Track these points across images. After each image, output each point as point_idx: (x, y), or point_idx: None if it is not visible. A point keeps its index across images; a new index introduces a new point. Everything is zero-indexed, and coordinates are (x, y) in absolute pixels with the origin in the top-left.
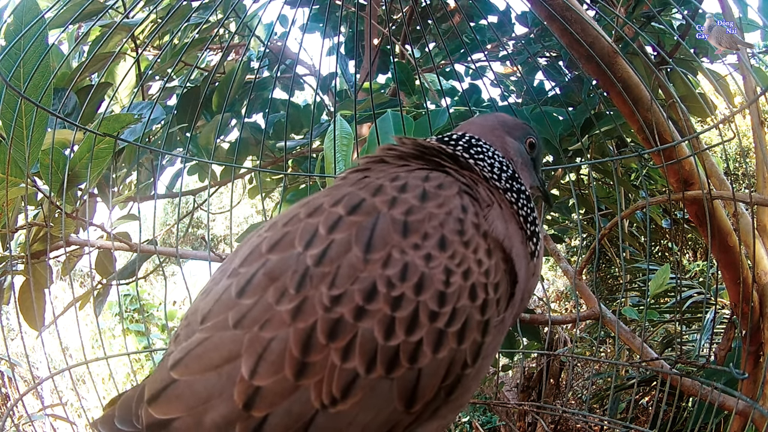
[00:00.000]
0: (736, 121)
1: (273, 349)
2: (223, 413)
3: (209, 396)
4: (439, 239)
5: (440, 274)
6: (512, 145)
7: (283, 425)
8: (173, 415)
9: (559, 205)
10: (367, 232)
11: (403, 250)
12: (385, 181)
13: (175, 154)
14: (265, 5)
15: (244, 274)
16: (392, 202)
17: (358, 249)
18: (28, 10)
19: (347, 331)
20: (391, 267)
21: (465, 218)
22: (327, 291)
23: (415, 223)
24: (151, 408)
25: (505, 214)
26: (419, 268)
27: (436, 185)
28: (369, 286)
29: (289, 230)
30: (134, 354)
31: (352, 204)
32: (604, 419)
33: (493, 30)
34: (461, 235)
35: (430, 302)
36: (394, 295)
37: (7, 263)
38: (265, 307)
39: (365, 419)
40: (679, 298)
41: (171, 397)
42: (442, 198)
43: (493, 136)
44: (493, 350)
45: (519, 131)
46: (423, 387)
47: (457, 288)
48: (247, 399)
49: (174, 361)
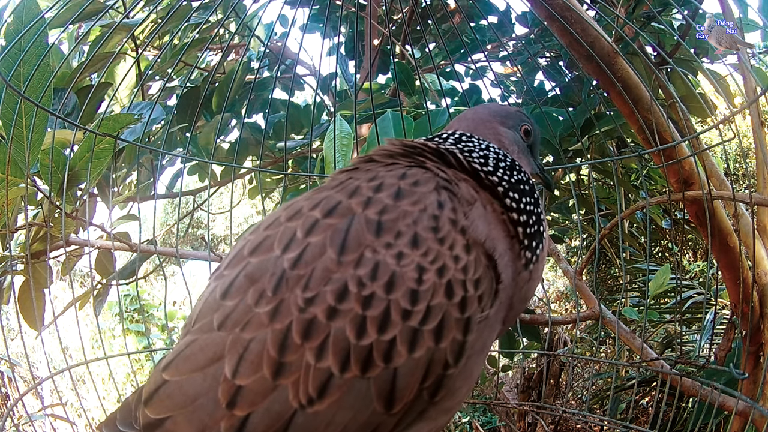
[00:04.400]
0: (736, 121)
1: (252, 349)
2: (209, 412)
3: (196, 396)
4: (411, 237)
5: (412, 272)
6: (507, 135)
7: (264, 424)
8: (165, 415)
9: (559, 206)
10: (341, 234)
11: (375, 249)
12: (363, 182)
13: (175, 154)
14: (265, 5)
15: (228, 276)
16: (367, 203)
17: (332, 251)
18: (28, 10)
19: (320, 331)
20: (362, 267)
21: (440, 214)
22: (301, 293)
23: (388, 222)
24: (147, 408)
25: (489, 216)
26: (390, 267)
27: (411, 182)
28: (341, 287)
29: (269, 234)
30: (134, 354)
31: (329, 207)
32: (604, 419)
33: (493, 30)
34: (435, 232)
35: (402, 300)
36: (365, 295)
37: (7, 263)
38: (245, 308)
39: (344, 420)
40: (679, 298)
41: (163, 397)
42: (417, 195)
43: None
44: (481, 349)
45: (513, 119)
46: (401, 387)
47: (430, 285)
48: (230, 398)
49: (166, 363)
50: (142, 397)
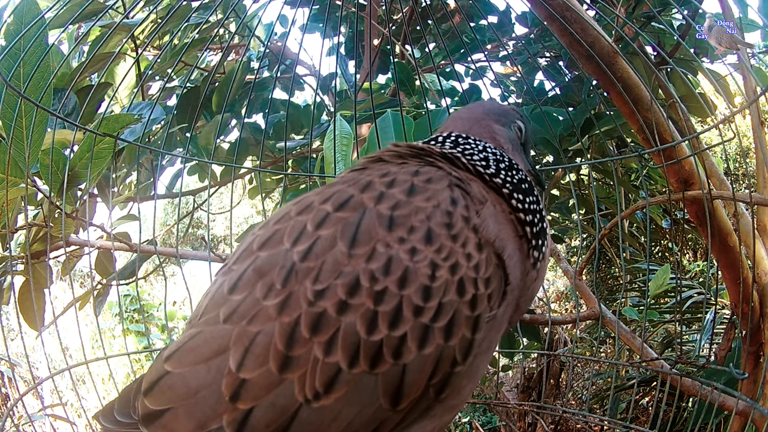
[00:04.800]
0: (736, 121)
1: (259, 342)
2: (211, 404)
3: (199, 388)
4: (425, 233)
5: (425, 268)
6: (501, 133)
7: (268, 418)
8: (166, 406)
9: (559, 206)
10: (352, 227)
11: (388, 244)
12: (375, 177)
13: (175, 154)
14: (265, 5)
15: (236, 271)
16: (379, 198)
17: (342, 244)
18: (28, 10)
19: (330, 325)
20: (375, 261)
21: (454, 211)
22: (311, 286)
23: (401, 217)
24: (146, 399)
25: (499, 216)
26: (403, 262)
27: (425, 179)
28: (352, 281)
29: (279, 228)
30: (134, 354)
31: (340, 201)
32: (604, 419)
33: (493, 30)
34: (449, 229)
35: (414, 297)
36: (377, 290)
37: (7, 263)
38: (253, 302)
39: (349, 415)
40: (679, 298)
41: (164, 388)
42: (430, 191)
43: (480, 128)
44: (487, 348)
45: (507, 117)
46: (409, 384)
47: (443, 282)
48: (234, 391)
49: (168, 354)
50: (141, 387)
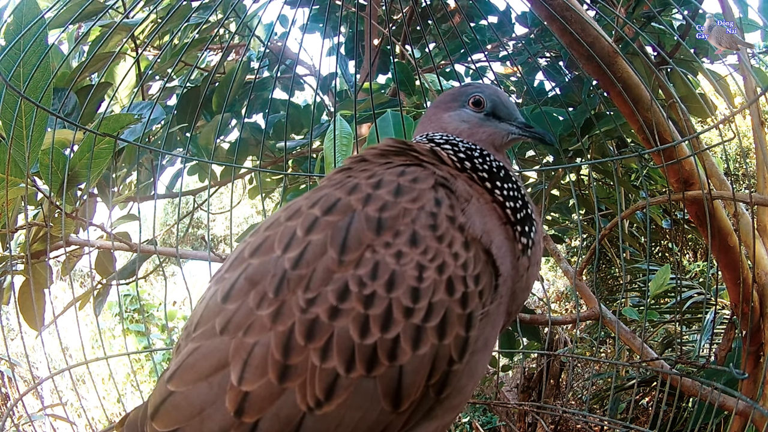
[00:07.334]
0: (736, 121)
1: (257, 353)
2: (218, 421)
3: (203, 405)
4: (410, 236)
5: (412, 270)
6: (451, 118)
7: (274, 430)
8: (173, 428)
9: (559, 206)
10: (342, 232)
11: (375, 249)
12: (361, 179)
13: (175, 154)
14: (265, 5)
15: (228, 279)
16: (366, 200)
17: (333, 251)
18: (28, 10)
19: (324, 331)
20: (363, 266)
21: (438, 212)
22: (303, 294)
23: (388, 219)
24: (154, 422)
25: (484, 208)
26: (390, 266)
27: (410, 179)
28: (342, 286)
29: (269, 234)
30: (134, 354)
31: (328, 204)
32: (604, 419)
33: (493, 30)
34: (434, 230)
35: (404, 298)
36: (366, 294)
37: (7, 263)
38: (247, 311)
39: (353, 420)
40: (679, 298)
41: (169, 409)
42: (416, 192)
43: (431, 124)
44: (484, 345)
45: (459, 98)
46: (407, 385)
47: (431, 283)
48: (238, 406)
49: (170, 374)
50: (148, 411)
